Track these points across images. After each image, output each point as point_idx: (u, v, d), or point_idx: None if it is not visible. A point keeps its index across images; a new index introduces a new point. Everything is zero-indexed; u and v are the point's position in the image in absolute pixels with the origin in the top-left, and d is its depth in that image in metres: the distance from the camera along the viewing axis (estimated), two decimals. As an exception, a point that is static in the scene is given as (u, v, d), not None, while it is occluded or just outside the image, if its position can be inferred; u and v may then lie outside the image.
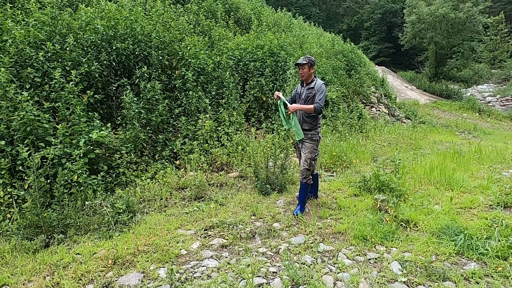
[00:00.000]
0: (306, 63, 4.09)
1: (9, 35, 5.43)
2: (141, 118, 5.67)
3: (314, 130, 4.18)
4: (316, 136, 4.20)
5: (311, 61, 4.12)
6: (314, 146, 4.18)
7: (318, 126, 4.22)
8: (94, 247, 3.31)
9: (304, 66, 4.11)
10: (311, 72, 4.17)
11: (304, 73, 4.14)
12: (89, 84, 5.78)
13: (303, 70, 4.13)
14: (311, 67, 4.14)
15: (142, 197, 4.56)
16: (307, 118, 4.18)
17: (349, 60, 13.18)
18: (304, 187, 4.23)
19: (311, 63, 4.12)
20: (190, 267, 3.01)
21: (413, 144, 8.89)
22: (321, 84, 4.09)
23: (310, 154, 4.17)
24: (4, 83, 4.64)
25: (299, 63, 4.12)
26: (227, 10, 11.56)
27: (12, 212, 3.85)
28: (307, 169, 4.16)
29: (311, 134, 4.18)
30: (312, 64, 4.14)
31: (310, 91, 4.09)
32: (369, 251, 3.34)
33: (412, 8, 26.33)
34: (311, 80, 4.16)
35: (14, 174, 4.31)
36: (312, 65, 4.14)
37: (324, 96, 4.04)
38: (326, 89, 4.19)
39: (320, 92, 4.04)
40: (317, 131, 4.21)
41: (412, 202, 4.42)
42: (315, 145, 4.19)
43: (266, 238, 3.59)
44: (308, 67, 4.11)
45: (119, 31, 6.38)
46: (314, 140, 4.18)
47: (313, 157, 4.18)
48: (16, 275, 2.89)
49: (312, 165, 4.20)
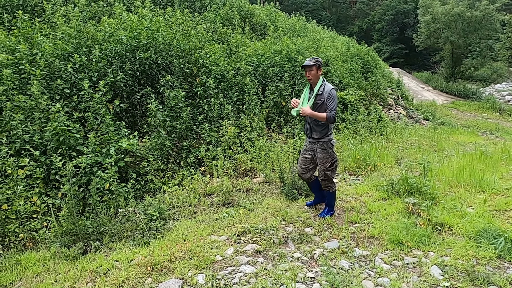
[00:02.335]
0: (314, 64, 3.82)
1: (39, 48, 5.62)
2: (166, 126, 5.76)
3: (326, 138, 3.94)
4: (328, 143, 3.96)
5: (318, 62, 3.86)
6: (327, 155, 3.95)
7: (330, 134, 3.97)
8: (131, 254, 3.36)
9: (312, 67, 3.83)
10: (319, 74, 3.90)
11: (311, 75, 3.86)
12: (114, 93, 5.91)
13: (310, 72, 3.85)
14: (319, 68, 3.87)
15: (171, 203, 4.61)
16: (317, 127, 3.94)
17: (365, 63, 13.10)
18: (329, 195, 4.16)
19: (318, 64, 3.86)
20: (227, 273, 3.02)
21: (435, 146, 8.74)
22: (331, 89, 3.84)
23: (323, 165, 3.96)
24: (37, 95, 4.79)
25: (306, 65, 3.84)
26: (242, 17, 11.68)
27: (49, 220, 3.95)
28: (324, 180, 4.02)
29: (322, 142, 3.95)
30: (320, 65, 3.88)
31: (320, 98, 3.84)
32: (406, 255, 3.29)
33: (426, 8, 26.04)
34: (320, 84, 3.88)
35: (49, 183, 4.42)
36: (320, 66, 3.88)
37: (336, 103, 3.81)
38: (337, 94, 3.97)
39: (331, 99, 3.79)
40: (329, 138, 3.96)
41: (444, 205, 4.34)
42: (327, 154, 3.95)
43: (299, 243, 3.58)
44: (316, 69, 3.85)
45: (141, 41, 6.52)
46: (325, 148, 3.95)
47: (327, 168, 3.96)
48: (59, 281, 2.96)
49: (327, 175, 3.99)
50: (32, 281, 2.99)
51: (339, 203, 4.71)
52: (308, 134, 4.07)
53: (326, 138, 3.92)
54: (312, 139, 4.01)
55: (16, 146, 4.39)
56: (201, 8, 11.08)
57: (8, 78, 4.86)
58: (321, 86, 3.85)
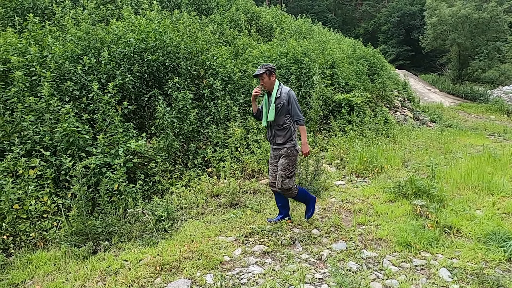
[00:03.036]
0: (264, 71, 3.74)
1: (49, 51, 5.71)
2: (174, 127, 5.80)
3: (290, 143, 3.78)
4: (293, 150, 3.79)
5: (268, 69, 3.77)
6: (290, 162, 3.78)
7: (294, 138, 3.83)
8: (140, 254, 3.40)
9: (263, 76, 3.75)
10: (273, 80, 3.81)
11: (265, 83, 3.78)
12: (123, 95, 5.97)
13: (263, 80, 3.78)
14: (271, 74, 3.78)
15: (179, 204, 4.64)
16: (280, 131, 3.80)
17: (371, 65, 13.07)
18: (299, 198, 4.00)
19: (269, 71, 3.77)
20: (236, 273, 3.04)
21: (442, 148, 8.69)
22: (288, 91, 3.76)
23: (283, 171, 3.77)
24: (47, 96, 4.87)
25: (256, 75, 3.78)
26: (248, 19, 11.74)
27: (59, 220, 4.00)
28: (283, 188, 3.79)
29: (287, 148, 3.78)
30: (271, 71, 3.77)
31: (279, 101, 3.74)
32: (415, 257, 3.28)
33: (433, 10, 25.90)
34: (277, 88, 3.79)
35: (58, 184, 4.48)
36: (271, 72, 3.78)
37: (298, 105, 3.76)
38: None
39: (291, 102, 3.73)
40: (292, 143, 3.79)
41: (453, 207, 4.31)
42: (290, 161, 3.78)
43: (307, 245, 3.59)
44: (267, 76, 3.76)
45: (149, 44, 6.58)
46: (289, 155, 3.78)
47: (287, 175, 3.78)
48: (70, 280, 3.00)
49: (284, 184, 3.77)
50: (43, 280, 3.03)
51: (346, 205, 4.71)
52: (272, 141, 3.92)
53: (290, 142, 3.79)
54: (276, 145, 3.86)
55: (27, 146, 4.46)
56: (208, 10, 11.16)
57: (19, 80, 4.95)
58: (278, 90, 3.79)
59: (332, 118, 8.74)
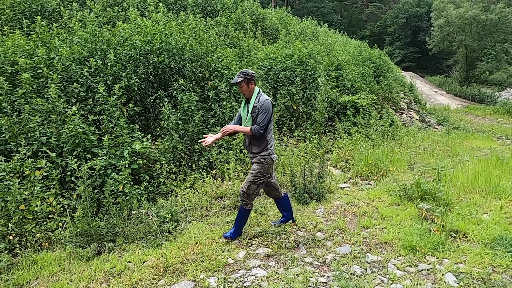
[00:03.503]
0: (242, 79, 3.62)
1: (56, 53, 5.77)
2: (179, 129, 5.82)
3: (265, 152, 3.69)
4: (267, 158, 3.69)
5: (246, 76, 3.63)
6: (262, 169, 3.68)
7: (270, 147, 3.72)
8: (144, 255, 3.40)
9: (241, 83, 3.64)
10: (252, 87, 3.68)
11: (243, 90, 3.69)
12: (128, 97, 6.00)
13: (241, 88, 3.68)
14: (249, 82, 3.64)
15: (183, 206, 4.65)
16: (255, 141, 3.70)
17: (377, 67, 13.01)
18: (240, 211, 3.77)
19: (247, 78, 3.63)
20: (239, 276, 3.04)
21: (449, 151, 8.60)
22: (265, 100, 3.62)
23: (252, 176, 3.68)
24: (54, 98, 4.91)
25: (234, 83, 3.70)
26: (254, 21, 11.75)
27: (64, 221, 4.03)
28: (244, 192, 3.69)
29: (260, 156, 3.69)
30: (249, 79, 3.64)
31: (255, 109, 3.63)
32: (420, 262, 3.24)
33: (440, 12, 25.72)
34: (255, 96, 3.67)
35: (64, 185, 4.52)
36: (249, 79, 3.64)
37: (267, 116, 3.58)
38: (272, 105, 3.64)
39: (262, 111, 3.57)
40: (268, 152, 3.70)
41: (459, 211, 4.27)
42: (263, 168, 3.68)
43: (311, 248, 3.57)
44: (245, 83, 3.64)
45: (155, 46, 6.61)
46: (262, 162, 3.68)
47: (255, 181, 3.68)
48: (74, 281, 3.01)
49: (250, 189, 3.67)
50: (48, 281, 3.05)
51: (350, 208, 4.68)
52: (248, 149, 3.84)
53: (265, 151, 3.68)
54: (252, 154, 3.76)
55: (33, 147, 4.51)
56: (213, 12, 11.19)
57: (27, 82, 5.00)
58: (256, 98, 3.67)
59: (337, 120, 8.70)
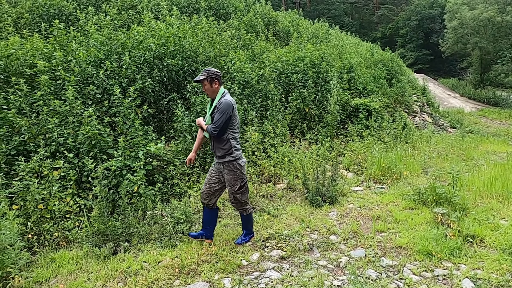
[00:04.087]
0: (205, 77, 3.46)
1: (73, 55, 5.89)
2: (192, 131, 5.87)
3: (230, 156, 3.52)
4: (235, 164, 3.53)
5: (210, 75, 3.47)
6: (235, 177, 3.54)
7: (235, 151, 3.54)
8: (159, 256, 3.45)
9: (204, 82, 3.48)
10: (215, 87, 3.51)
11: (206, 89, 3.53)
12: (142, 99, 6.09)
13: (204, 86, 3.52)
14: (213, 81, 3.48)
15: (196, 207, 4.68)
16: (217, 143, 3.55)
17: (390, 69, 12.90)
18: (243, 218, 3.76)
19: (211, 77, 3.47)
20: (253, 278, 3.05)
21: (464, 155, 8.45)
22: (224, 101, 3.44)
23: (231, 188, 3.56)
24: (71, 100, 5.02)
25: (197, 80, 3.51)
26: (266, 24, 11.79)
27: (81, 220, 4.10)
28: (235, 203, 3.64)
29: (228, 162, 3.53)
30: (213, 78, 3.48)
31: (214, 111, 3.49)
32: (436, 267, 3.20)
33: (454, 14, 25.40)
34: (219, 97, 3.50)
35: (80, 185, 4.60)
36: (213, 78, 3.48)
37: (223, 117, 3.38)
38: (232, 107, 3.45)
39: (219, 112, 3.40)
40: (232, 156, 3.52)
41: (475, 216, 4.19)
42: (235, 176, 3.54)
43: (325, 251, 3.56)
44: (208, 82, 3.48)
45: (169, 48, 6.70)
46: (232, 169, 3.53)
47: (236, 190, 3.56)
48: (92, 280, 3.07)
49: (237, 199, 3.60)
50: (66, 279, 3.12)
51: (364, 211, 4.65)
52: (213, 153, 3.71)
53: (230, 156, 3.52)
54: (217, 158, 3.63)
55: (51, 148, 4.61)
56: (226, 15, 11.28)
57: (45, 84, 5.12)
58: (219, 99, 3.49)
59: (350, 123, 8.65)
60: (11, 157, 4.47)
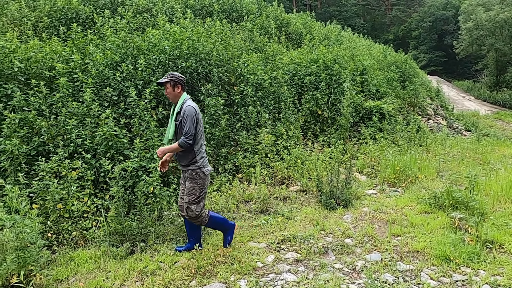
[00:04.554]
0: (168, 81, 3.36)
1: (90, 58, 6.01)
2: (206, 133, 5.91)
3: (194, 165, 3.40)
4: (199, 172, 3.40)
5: (173, 79, 3.37)
6: (196, 186, 3.39)
7: (200, 159, 3.43)
8: (175, 256, 3.48)
9: (166, 85, 3.38)
10: (178, 92, 3.40)
11: (168, 93, 3.42)
12: (157, 101, 6.16)
13: (166, 90, 3.42)
14: (176, 85, 3.38)
15: (211, 209, 4.71)
16: (182, 152, 3.42)
17: (403, 71, 12.77)
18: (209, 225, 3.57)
19: (174, 81, 3.37)
20: (269, 279, 3.05)
21: (480, 159, 8.30)
22: (187, 107, 3.33)
23: (188, 196, 3.39)
24: (89, 102, 5.12)
25: (159, 83, 3.41)
26: (278, 26, 11.81)
27: (98, 220, 4.17)
28: (189, 216, 3.42)
29: (191, 170, 3.40)
30: (176, 82, 3.37)
31: (178, 117, 3.38)
32: (454, 272, 3.16)
33: (469, 15, 25.00)
34: (181, 102, 3.40)
35: (97, 185, 4.69)
36: (176, 82, 3.38)
37: (191, 125, 3.28)
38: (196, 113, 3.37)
39: (186, 120, 3.28)
40: (197, 165, 3.40)
41: (494, 221, 4.12)
42: (196, 185, 3.40)
43: (340, 254, 3.54)
44: (171, 86, 3.37)
45: (183, 51, 6.77)
46: (194, 178, 3.40)
47: (192, 200, 3.39)
48: (110, 279, 3.12)
49: (191, 210, 3.38)
50: (86, 277, 3.18)
51: (379, 215, 4.61)
52: (178, 161, 3.60)
53: (194, 165, 3.40)
54: (182, 167, 3.52)
55: (70, 149, 4.70)
56: (238, 18, 11.34)
57: (63, 86, 5.23)
58: (181, 105, 3.39)
59: (363, 125, 8.59)
60: (31, 157, 4.58)
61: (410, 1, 50.81)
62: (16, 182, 4.12)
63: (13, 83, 5.03)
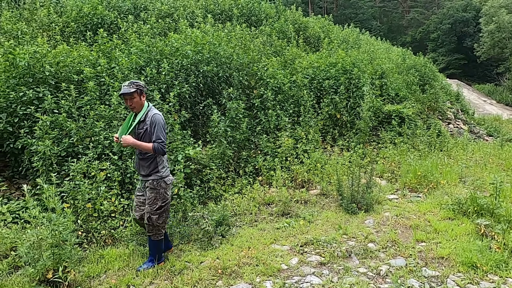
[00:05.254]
0: (135, 90, 3.24)
1: (116, 62, 6.20)
2: (227, 135, 6.01)
3: (155, 175, 3.33)
4: (160, 182, 3.33)
5: (140, 87, 3.29)
6: (157, 196, 3.32)
7: (162, 168, 3.36)
8: (201, 257, 3.57)
9: (133, 95, 3.25)
10: (143, 101, 3.34)
11: (134, 103, 3.28)
12: (179, 104, 6.30)
13: (132, 100, 3.27)
14: (142, 94, 3.31)
15: (233, 211, 4.80)
16: (143, 161, 3.34)
17: (422, 75, 12.60)
18: (151, 243, 3.44)
19: (140, 89, 3.29)
20: (294, 282, 3.10)
21: (504, 164, 8.11)
22: (154, 114, 3.30)
23: (149, 206, 3.32)
24: (115, 105, 5.29)
25: (124, 93, 3.23)
26: (296, 30, 11.85)
27: (125, 219, 4.31)
28: (149, 224, 3.34)
29: (152, 180, 3.32)
30: (142, 90, 3.31)
31: (142, 125, 3.30)
32: (481, 279, 3.13)
33: (491, 17, 24.44)
34: (144, 111, 3.33)
35: (124, 186, 4.83)
36: (142, 91, 3.31)
37: (163, 131, 3.26)
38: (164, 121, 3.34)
39: (155, 126, 3.24)
40: (158, 175, 3.33)
41: (521, 229, 4.04)
42: (158, 194, 3.32)
43: (363, 258, 3.55)
44: (138, 95, 3.28)
45: (204, 55, 6.90)
46: (155, 187, 3.33)
47: (154, 210, 3.31)
48: (139, 277, 3.23)
49: (152, 220, 3.32)
50: (117, 274, 3.29)
51: (401, 220, 4.58)
52: (137, 170, 3.50)
53: (156, 175, 3.33)
54: (141, 176, 3.43)
55: (98, 150, 4.87)
56: (257, 22, 11.44)
57: (92, 90, 5.42)
58: (144, 113, 3.33)
59: (382, 129, 8.53)
60: (61, 158, 4.77)
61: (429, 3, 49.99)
62: (48, 182, 4.30)
63: (44, 87, 5.25)
